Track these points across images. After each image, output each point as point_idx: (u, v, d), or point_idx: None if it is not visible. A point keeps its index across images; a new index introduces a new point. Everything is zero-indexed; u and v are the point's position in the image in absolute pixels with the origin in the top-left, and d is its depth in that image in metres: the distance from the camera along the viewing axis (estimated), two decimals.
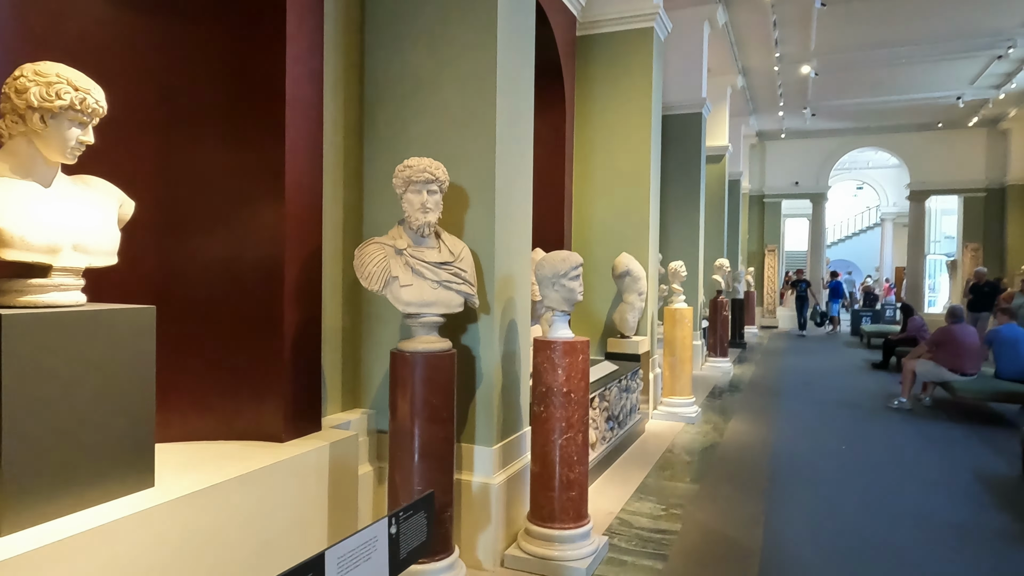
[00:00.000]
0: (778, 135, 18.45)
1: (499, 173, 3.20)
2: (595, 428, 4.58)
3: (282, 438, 2.76)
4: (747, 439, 5.85)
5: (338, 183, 3.30)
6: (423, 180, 2.77)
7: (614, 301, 6.43)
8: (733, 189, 15.25)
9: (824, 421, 6.71)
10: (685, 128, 9.60)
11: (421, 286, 2.78)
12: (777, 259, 19.36)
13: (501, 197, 3.23)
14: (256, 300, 2.76)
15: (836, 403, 7.64)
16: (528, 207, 3.61)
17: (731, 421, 6.53)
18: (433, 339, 2.84)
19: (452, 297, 2.86)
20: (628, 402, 5.48)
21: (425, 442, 2.76)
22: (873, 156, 23.35)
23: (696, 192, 9.55)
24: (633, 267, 6.08)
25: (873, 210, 27.42)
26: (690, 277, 9.43)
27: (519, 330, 3.47)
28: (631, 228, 6.48)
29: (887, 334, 11.86)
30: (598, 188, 6.60)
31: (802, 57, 12.16)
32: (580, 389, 3.17)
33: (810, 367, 10.67)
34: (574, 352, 3.15)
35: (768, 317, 18.71)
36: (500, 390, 3.27)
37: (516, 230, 3.44)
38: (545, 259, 3.18)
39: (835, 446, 5.71)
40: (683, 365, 6.53)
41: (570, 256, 3.17)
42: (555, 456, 3.15)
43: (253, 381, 2.78)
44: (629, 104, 6.49)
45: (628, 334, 6.16)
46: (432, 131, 3.30)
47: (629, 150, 6.50)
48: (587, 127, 6.63)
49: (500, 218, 3.23)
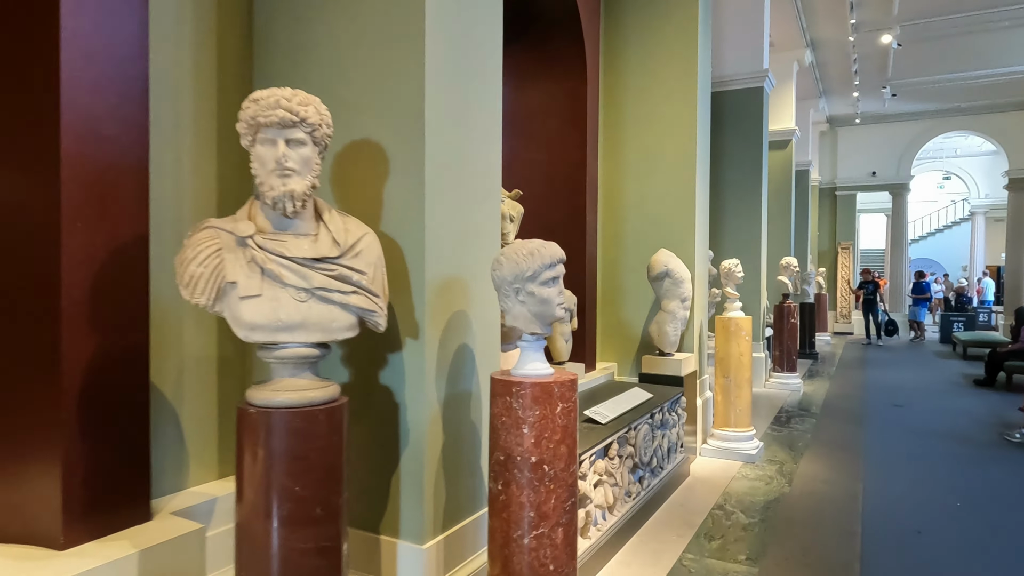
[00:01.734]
0: (852, 120, 16.56)
1: (433, 121, 2.08)
2: (614, 484, 3.39)
3: (60, 543, 1.72)
4: (825, 488, 4.51)
5: (206, 134, 2.25)
6: (277, 123, 1.67)
7: (651, 309, 5.20)
8: (801, 180, 13.61)
9: (926, 461, 5.26)
10: (744, 105, 8.24)
11: (277, 298, 1.69)
12: (852, 258, 17.45)
13: (438, 158, 2.11)
14: (13, 317, 1.73)
15: (938, 434, 6.14)
16: (496, 179, 2.47)
17: (802, 460, 5.18)
18: (305, 383, 1.74)
19: (334, 315, 1.75)
20: (666, 441, 4.25)
21: (286, 556, 1.67)
22: (962, 143, 21.02)
23: (758, 180, 8.18)
24: (674, 266, 4.84)
25: (960, 203, 24.84)
26: (750, 279, 8.05)
27: (477, 362, 2.33)
28: (673, 220, 5.25)
29: (990, 344, 10.08)
30: (631, 171, 5.40)
31: (882, 24, 10.52)
32: (559, 458, 2.01)
33: (897, 383, 9.07)
34: (548, 399, 1.99)
35: (842, 322, 16.84)
36: (440, 454, 2.15)
37: (472, 212, 2.31)
38: (504, 254, 2.03)
39: (947, 500, 4.31)
40: (739, 388, 5.23)
41: (543, 248, 2.01)
42: (521, 563, 2.00)
43: (15, 447, 1.75)
44: (669, 68, 5.26)
45: (668, 350, 4.92)
46: (339, 59, 2.20)
47: (670, 125, 5.28)
48: (617, 96, 5.43)
49: (437, 191, 2.11)
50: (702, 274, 5.48)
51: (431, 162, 2.06)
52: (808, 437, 5.93)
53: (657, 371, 4.86)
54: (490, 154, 2.41)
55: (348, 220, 1.87)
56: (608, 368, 5.17)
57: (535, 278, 2.00)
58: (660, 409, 4.14)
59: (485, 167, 2.37)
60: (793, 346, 8.59)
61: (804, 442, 5.75)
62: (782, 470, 4.90)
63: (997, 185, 21.83)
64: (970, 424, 6.55)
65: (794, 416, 6.82)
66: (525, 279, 2.00)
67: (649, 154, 5.33)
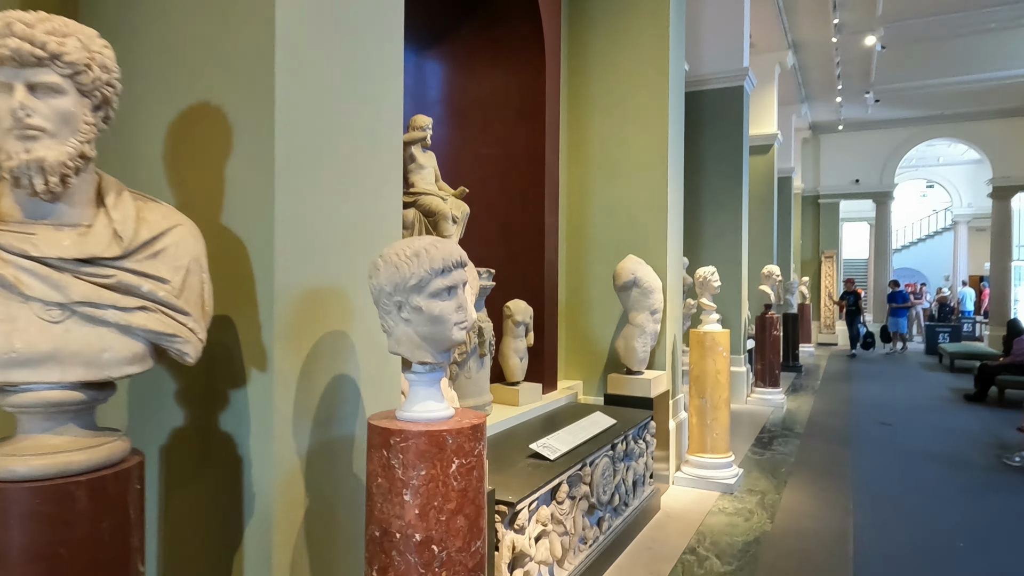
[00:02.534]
0: (835, 127, 16.26)
1: (288, 76, 1.55)
2: (564, 533, 2.85)
3: None
4: (811, 525, 4.00)
5: None
6: (10, 58, 1.14)
7: (620, 322, 4.70)
8: (783, 187, 13.22)
9: (921, 491, 4.78)
10: (723, 105, 7.81)
11: (12, 317, 1.15)
12: (835, 267, 17.12)
13: (297, 128, 1.58)
14: None
15: (930, 456, 5.67)
16: (396, 160, 1.95)
17: (785, 489, 4.68)
18: (62, 442, 1.20)
19: (106, 342, 1.21)
20: (631, 474, 3.73)
21: None
22: (945, 151, 20.80)
23: (738, 184, 7.74)
24: (642, 274, 4.34)
25: (943, 212, 24.68)
26: (731, 289, 7.59)
27: (363, 398, 1.80)
28: (644, 223, 4.76)
29: (980, 356, 9.70)
30: (598, 170, 4.90)
31: (866, 26, 10.17)
32: (455, 534, 1.47)
33: (885, 398, 8.62)
34: (438, 454, 1.45)
35: (826, 333, 16.46)
36: (301, 528, 1.60)
37: (358, 202, 1.78)
38: (382, 256, 1.50)
39: (947, 540, 3.82)
40: (716, 410, 4.72)
41: (434, 248, 1.48)
42: None
43: None
44: (639, 58, 4.79)
45: (637, 368, 4.41)
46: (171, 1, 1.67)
47: (641, 119, 4.80)
48: (582, 88, 4.94)
49: (296, 173, 1.58)
50: (675, 283, 4.98)
51: (286, 133, 1.53)
52: (792, 461, 5.43)
53: (624, 392, 4.34)
54: (385, 129, 1.88)
55: (149, 207, 1.34)
56: (572, 388, 4.65)
57: (422, 288, 1.47)
58: (623, 438, 3.62)
59: (375, 144, 1.84)
60: (776, 359, 8.13)
61: (787, 467, 5.25)
62: (763, 502, 4.39)
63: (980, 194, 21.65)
64: (964, 445, 6.10)
65: (777, 436, 6.33)
66: (408, 289, 1.47)
67: (618, 151, 4.85)
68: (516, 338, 3.95)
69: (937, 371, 11.47)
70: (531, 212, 4.36)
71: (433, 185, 3.76)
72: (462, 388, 3.50)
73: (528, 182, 4.35)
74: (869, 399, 8.55)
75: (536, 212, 4.36)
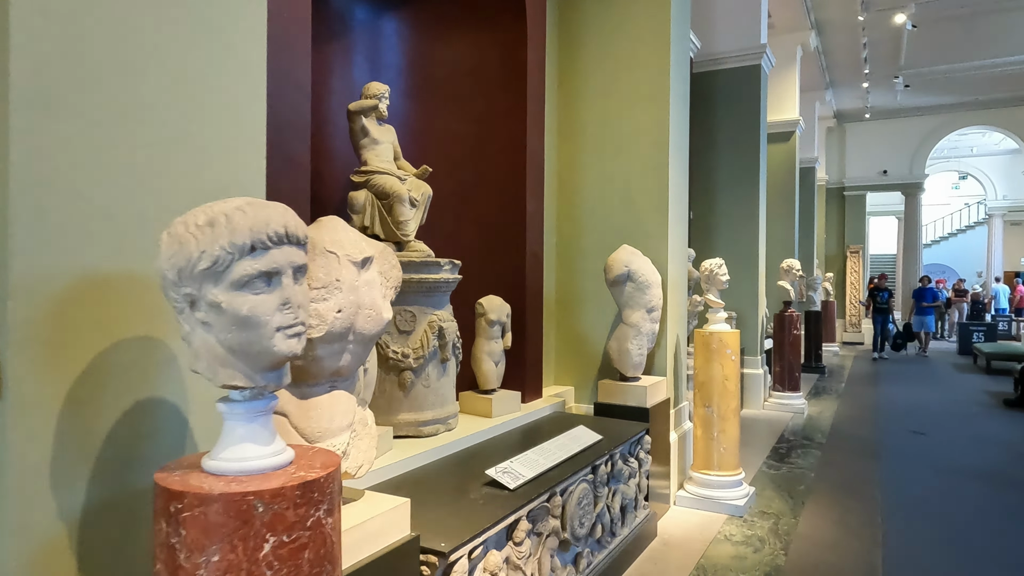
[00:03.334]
0: (861, 115, 15.46)
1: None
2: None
3: None
4: (832, 560, 3.43)
5: None
6: None
7: (614, 322, 4.16)
8: (806, 178, 12.47)
9: (962, 513, 4.18)
10: (739, 86, 7.20)
11: None
12: (861, 262, 16.30)
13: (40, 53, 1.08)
14: None
15: (971, 472, 5.04)
16: (254, 77, 1.45)
17: (803, 512, 4.11)
18: None
19: None
20: (618, 498, 3.19)
21: None
22: (979, 140, 19.85)
23: (755, 171, 7.14)
24: (637, 267, 3.80)
25: (976, 205, 23.62)
26: (748, 284, 7.01)
27: (191, 431, 1.29)
28: (642, 211, 4.23)
29: (1019, 357, 8.97)
30: (592, 152, 4.38)
31: (896, 2, 9.46)
32: None
33: (915, 403, 7.95)
34: (240, 528, 0.94)
35: (851, 332, 15.66)
36: None
37: (174, 136, 1.27)
38: (170, 228, 1.00)
39: (994, 574, 3.24)
40: (724, 421, 4.16)
41: (239, 214, 0.97)
42: None
43: None
44: (638, 27, 4.25)
45: (631, 374, 3.87)
46: None
47: (638, 96, 4.26)
48: (574, 60, 4.42)
49: (48, 118, 1.08)
50: (678, 278, 4.43)
51: (24, 58, 1.04)
52: (811, 477, 4.85)
53: (616, 401, 3.81)
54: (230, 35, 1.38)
55: None
56: (560, 395, 4.12)
57: (219, 275, 0.97)
58: (608, 458, 3.08)
59: (211, 60, 1.34)
60: (796, 361, 7.50)
61: (806, 484, 4.67)
62: (776, 528, 3.83)
63: (1016, 185, 20.66)
64: (1007, 458, 5.45)
65: (795, 447, 5.73)
66: (199, 276, 0.97)
67: (613, 129, 4.31)
68: (490, 340, 3.44)
69: (972, 372, 10.72)
70: (511, 197, 3.83)
71: (391, 163, 3.27)
72: (420, 399, 3.00)
73: (508, 163, 3.82)
74: (899, 404, 7.89)
75: (517, 197, 3.83)
